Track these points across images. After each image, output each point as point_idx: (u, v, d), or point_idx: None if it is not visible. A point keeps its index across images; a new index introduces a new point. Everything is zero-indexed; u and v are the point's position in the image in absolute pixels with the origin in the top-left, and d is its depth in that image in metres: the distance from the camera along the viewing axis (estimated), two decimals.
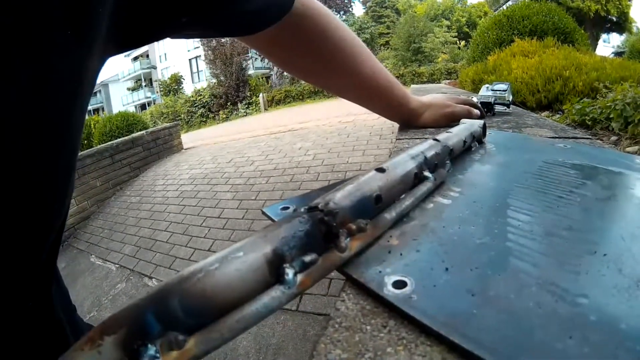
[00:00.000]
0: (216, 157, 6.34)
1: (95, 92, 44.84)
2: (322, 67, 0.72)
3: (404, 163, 0.40)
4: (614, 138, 1.59)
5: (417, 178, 0.41)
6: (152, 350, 0.19)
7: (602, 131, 1.73)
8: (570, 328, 0.22)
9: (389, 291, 0.27)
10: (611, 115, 1.70)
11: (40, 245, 0.34)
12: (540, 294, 0.25)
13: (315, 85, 0.85)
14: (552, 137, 0.75)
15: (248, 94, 22.43)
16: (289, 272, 0.25)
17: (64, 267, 4.29)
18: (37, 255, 0.34)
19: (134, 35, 0.39)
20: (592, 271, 0.27)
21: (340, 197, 0.31)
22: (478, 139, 0.63)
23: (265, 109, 19.98)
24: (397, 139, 0.82)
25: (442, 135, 0.52)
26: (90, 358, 0.18)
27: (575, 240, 0.32)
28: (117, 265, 3.94)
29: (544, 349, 0.21)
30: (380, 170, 0.37)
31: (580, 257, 0.29)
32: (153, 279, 3.43)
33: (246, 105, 21.99)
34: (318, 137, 6.00)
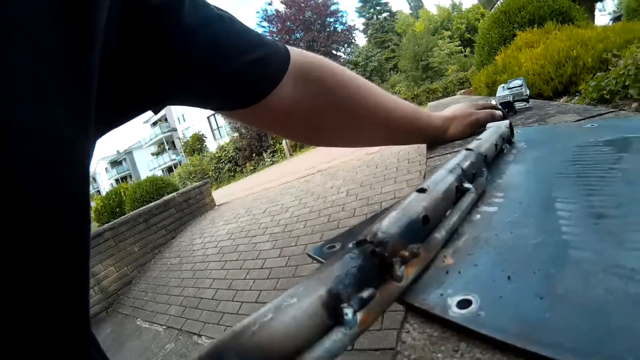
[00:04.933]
0: (250, 209, 6.39)
1: (121, 161, 46.29)
2: (351, 119, 0.71)
3: (444, 179, 0.39)
4: (635, 105, 1.58)
5: (458, 191, 0.40)
6: None
7: (622, 101, 1.71)
8: None
9: (455, 313, 0.25)
10: (627, 83, 1.68)
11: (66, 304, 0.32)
12: (608, 280, 0.24)
13: (344, 146, 0.82)
14: (578, 120, 0.74)
15: (271, 142, 22.66)
16: (348, 312, 0.23)
17: (109, 332, 4.42)
18: (64, 312, 0.32)
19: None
20: None
21: (388, 225, 0.30)
22: (507, 139, 0.62)
23: (290, 155, 20.13)
24: (427, 158, 0.81)
25: (474, 144, 0.51)
26: None
27: (627, 216, 0.31)
28: (165, 327, 3.98)
29: (625, 333, 0.19)
30: (422, 190, 0.36)
31: (637, 232, 0.28)
32: (202, 337, 3.44)
33: (271, 154, 22.21)
34: (347, 173, 6.00)
